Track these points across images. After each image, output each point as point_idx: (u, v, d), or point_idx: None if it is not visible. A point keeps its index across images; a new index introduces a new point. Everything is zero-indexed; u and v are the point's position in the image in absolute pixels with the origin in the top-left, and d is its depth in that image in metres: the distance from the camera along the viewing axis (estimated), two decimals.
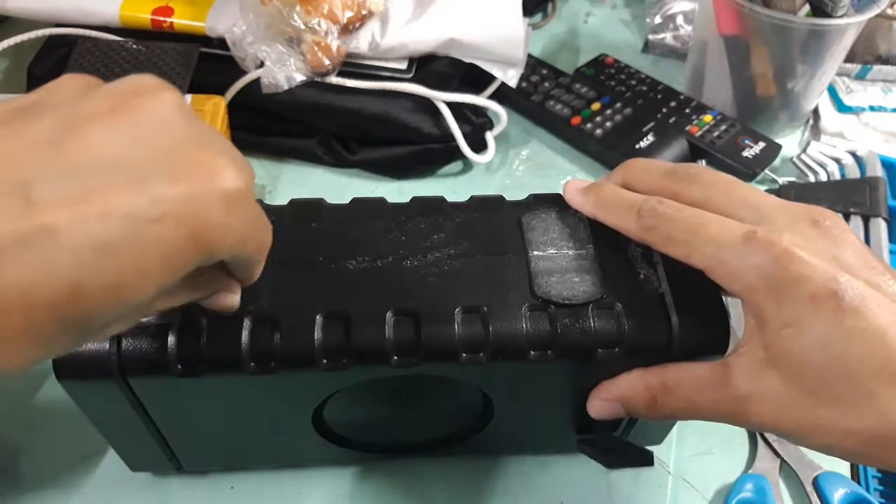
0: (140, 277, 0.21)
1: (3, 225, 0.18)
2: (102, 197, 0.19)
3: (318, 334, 0.31)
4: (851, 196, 0.59)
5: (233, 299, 0.30)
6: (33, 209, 0.19)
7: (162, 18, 0.58)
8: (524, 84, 0.67)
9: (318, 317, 0.31)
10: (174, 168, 0.21)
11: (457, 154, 0.60)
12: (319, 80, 0.57)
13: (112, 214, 0.20)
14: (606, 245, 0.35)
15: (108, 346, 0.31)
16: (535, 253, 0.34)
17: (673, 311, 0.32)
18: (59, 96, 0.22)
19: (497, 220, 0.36)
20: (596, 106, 0.65)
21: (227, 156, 0.23)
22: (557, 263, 0.34)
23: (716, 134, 0.63)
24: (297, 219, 0.35)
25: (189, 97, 0.55)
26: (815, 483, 0.44)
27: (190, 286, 0.27)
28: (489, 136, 0.62)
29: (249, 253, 0.26)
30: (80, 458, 0.44)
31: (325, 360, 0.31)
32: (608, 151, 0.62)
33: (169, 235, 0.21)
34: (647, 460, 0.38)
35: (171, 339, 0.31)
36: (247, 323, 0.31)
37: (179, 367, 0.31)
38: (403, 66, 0.59)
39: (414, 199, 0.37)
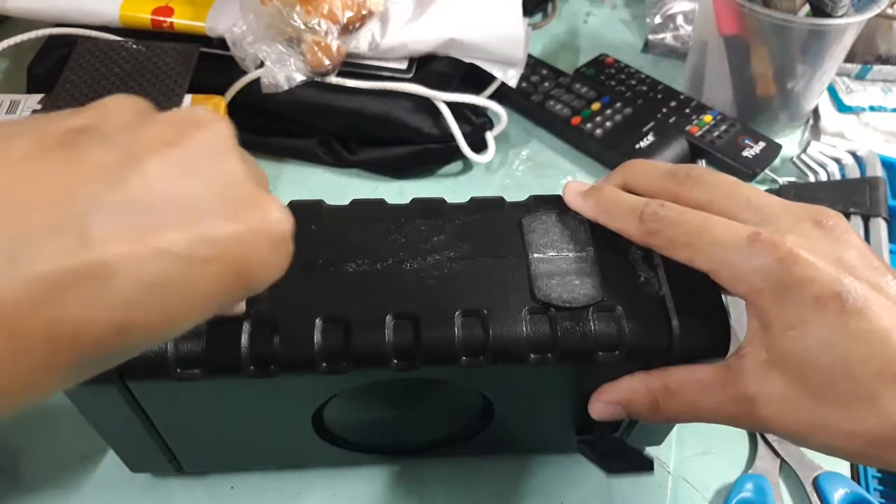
0: (184, 313, 0.21)
1: (60, 260, 0.18)
2: (158, 235, 0.19)
3: (317, 338, 0.31)
4: (851, 196, 0.59)
5: (240, 307, 0.30)
6: (90, 245, 0.18)
7: (162, 18, 0.58)
8: (524, 84, 0.67)
9: (317, 320, 0.31)
10: (228, 205, 0.21)
11: (457, 154, 0.60)
12: (319, 80, 0.57)
13: (166, 254, 0.20)
14: (607, 247, 0.35)
15: None
16: (536, 255, 0.34)
17: (673, 313, 0.32)
18: (114, 121, 0.21)
19: (497, 222, 0.36)
20: (596, 106, 0.65)
21: (273, 195, 0.23)
22: (558, 266, 0.34)
23: (716, 134, 0.63)
24: (296, 221, 0.35)
25: (189, 97, 0.55)
26: (815, 483, 0.44)
27: None
28: (489, 136, 0.62)
29: (274, 280, 0.26)
30: (80, 458, 0.44)
31: (324, 364, 0.31)
32: (608, 151, 0.62)
33: (218, 274, 0.21)
34: (647, 466, 0.38)
35: (169, 343, 0.31)
36: (246, 326, 0.31)
37: (179, 370, 0.31)
38: (403, 66, 0.59)
39: (414, 200, 0.37)
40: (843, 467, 0.46)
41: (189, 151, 0.21)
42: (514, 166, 0.64)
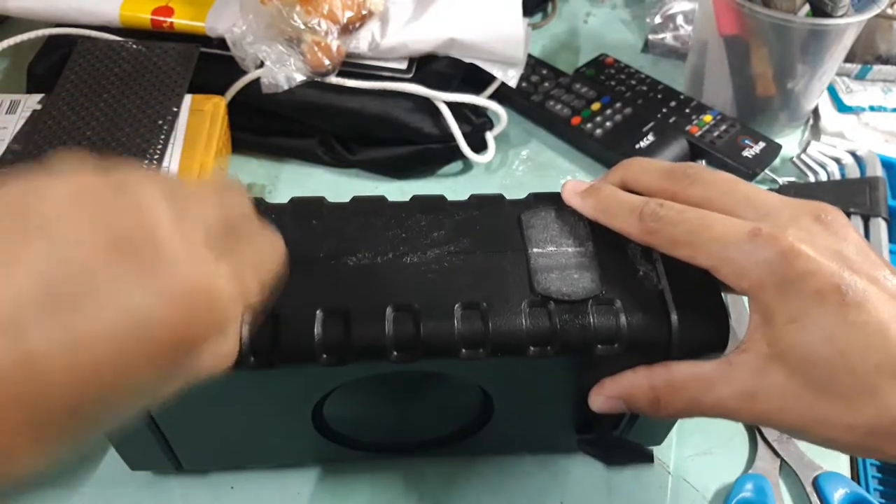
0: (129, 386, 0.22)
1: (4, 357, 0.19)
2: (90, 328, 0.20)
3: (317, 330, 0.31)
4: (851, 196, 0.58)
5: None
6: (25, 342, 0.19)
7: (162, 18, 0.58)
8: (524, 84, 0.67)
9: (318, 312, 0.31)
10: (161, 290, 0.21)
11: (457, 154, 0.60)
12: (319, 80, 0.57)
13: (99, 342, 0.20)
14: (606, 242, 0.35)
15: None
16: (535, 250, 0.34)
17: (672, 307, 0.32)
18: (46, 213, 0.21)
19: (497, 217, 0.36)
20: (596, 106, 0.65)
21: (221, 264, 0.23)
22: (557, 260, 0.34)
23: (716, 134, 0.63)
24: (297, 216, 0.35)
25: (189, 97, 0.55)
26: (815, 483, 0.44)
27: None
28: (489, 136, 0.62)
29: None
30: (79, 458, 0.44)
31: (324, 356, 0.31)
32: (608, 151, 0.62)
33: (155, 353, 0.21)
34: (646, 457, 0.38)
35: None
36: (246, 318, 0.31)
37: None
38: (403, 66, 0.59)
39: (414, 197, 0.37)
40: (843, 467, 0.46)
41: (120, 244, 0.21)
42: (514, 166, 0.64)
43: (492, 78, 0.61)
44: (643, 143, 0.62)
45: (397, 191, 0.61)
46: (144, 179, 0.23)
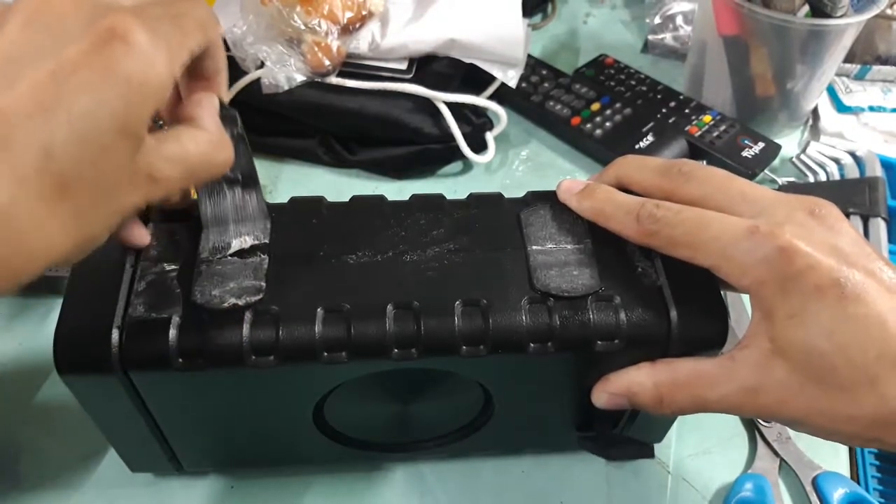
0: (94, 114, 0.24)
1: None
2: (30, 77, 0.23)
3: (318, 327, 0.31)
4: (851, 196, 0.58)
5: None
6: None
7: None
8: (524, 84, 0.67)
9: (318, 310, 0.32)
10: (75, 37, 0.24)
11: (457, 154, 0.60)
12: (319, 80, 0.57)
13: (45, 82, 0.23)
14: (604, 239, 0.35)
15: (110, 339, 0.31)
16: (534, 247, 0.35)
17: (671, 303, 0.33)
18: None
19: (496, 216, 0.36)
20: (596, 106, 0.65)
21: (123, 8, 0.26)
22: (556, 257, 0.34)
23: (715, 134, 0.63)
24: (297, 215, 0.36)
25: None
26: (815, 483, 0.44)
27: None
28: (489, 137, 0.62)
29: (192, 45, 0.28)
30: (80, 458, 0.44)
31: (325, 354, 0.31)
32: (608, 151, 0.62)
33: (93, 81, 0.24)
34: (647, 452, 0.38)
35: (172, 333, 0.31)
36: (248, 316, 0.31)
37: (180, 360, 0.31)
38: (403, 66, 0.59)
39: (413, 196, 0.37)
40: (842, 467, 0.46)
41: (29, 18, 0.24)
42: (514, 166, 0.64)
43: (492, 78, 0.62)
44: (643, 144, 0.62)
45: (397, 191, 0.61)
46: None
